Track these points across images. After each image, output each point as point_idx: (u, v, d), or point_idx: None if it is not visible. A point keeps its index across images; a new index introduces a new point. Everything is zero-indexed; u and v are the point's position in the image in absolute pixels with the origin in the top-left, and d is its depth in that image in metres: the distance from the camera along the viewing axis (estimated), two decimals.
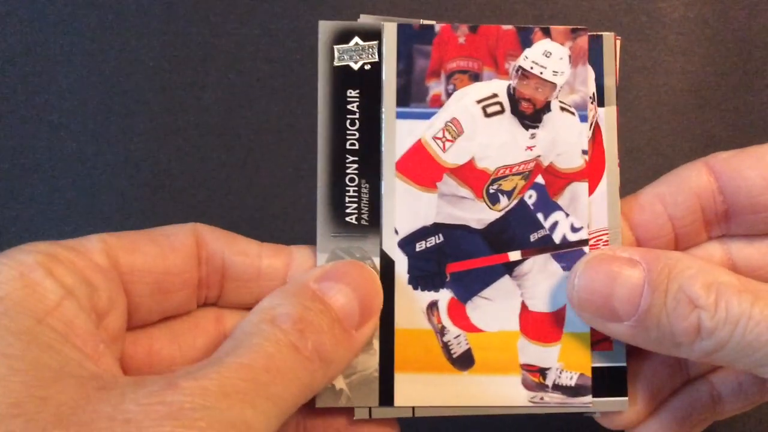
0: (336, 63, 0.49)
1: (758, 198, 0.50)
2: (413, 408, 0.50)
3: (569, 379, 0.50)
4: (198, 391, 0.37)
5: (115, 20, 0.73)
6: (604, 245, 0.50)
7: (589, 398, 0.50)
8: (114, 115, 0.72)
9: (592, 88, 0.50)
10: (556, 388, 0.50)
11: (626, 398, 0.51)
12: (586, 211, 0.50)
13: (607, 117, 0.51)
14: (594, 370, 0.51)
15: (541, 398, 0.50)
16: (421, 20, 0.50)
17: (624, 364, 0.51)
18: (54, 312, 0.40)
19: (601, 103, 0.51)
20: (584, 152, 0.50)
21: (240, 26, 0.73)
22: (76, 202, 0.71)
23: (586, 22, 0.72)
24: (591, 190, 0.50)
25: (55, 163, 0.72)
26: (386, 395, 0.49)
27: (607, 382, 0.51)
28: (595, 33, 0.50)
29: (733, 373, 0.53)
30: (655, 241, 0.52)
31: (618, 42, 0.50)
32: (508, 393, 0.50)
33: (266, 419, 0.39)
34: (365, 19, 0.50)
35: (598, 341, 0.51)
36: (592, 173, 0.51)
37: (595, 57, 0.51)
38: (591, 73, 0.50)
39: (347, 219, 0.49)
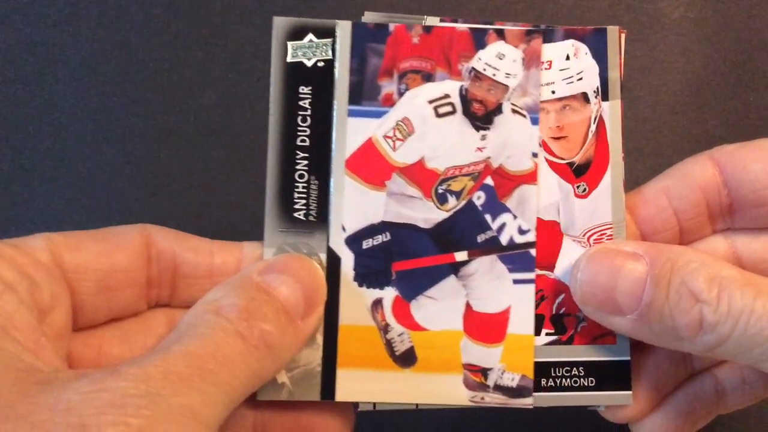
0: (289, 59, 0.50)
1: (763, 191, 0.50)
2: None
3: (511, 380, 0.51)
4: (142, 377, 0.37)
5: (115, 20, 0.73)
6: (608, 239, 0.51)
7: (530, 399, 0.51)
8: (114, 115, 0.72)
9: (596, 82, 0.51)
10: (498, 388, 0.50)
11: (630, 392, 0.51)
12: (534, 213, 0.51)
13: (612, 111, 0.51)
14: (598, 363, 0.51)
15: (482, 398, 0.51)
16: (425, 17, 0.51)
17: (628, 358, 0.51)
18: None
19: (605, 97, 0.51)
20: (534, 155, 0.51)
21: (240, 26, 0.73)
22: (76, 202, 0.71)
23: (587, 21, 0.72)
24: (595, 184, 0.51)
25: (55, 163, 0.72)
26: (328, 390, 0.50)
27: (611, 376, 0.51)
28: (598, 27, 0.51)
29: (737, 367, 0.53)
30: (660, 235, 0.52)
31: (623, 36, 0.51)
32: (449, 392, 0.50)
33: (214, 406, 0.39)
34: (369, 17, 0.51)
35: (602, 335, 0.51)
36: (596, 167, 0.51)
37: (599, 51, 0.51)
38: (595, 67, 0.51)
39: (295, 215, 0.50)
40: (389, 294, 0.50)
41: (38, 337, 0.41)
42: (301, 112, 0.50)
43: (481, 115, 0.50)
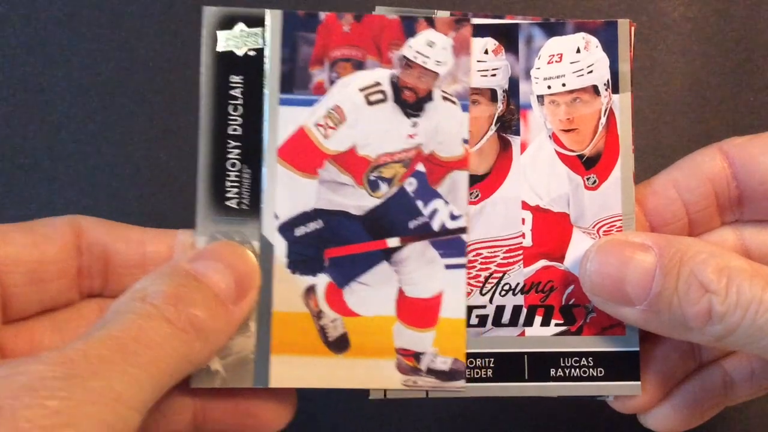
0: (219, 49, 0.50)
1: None
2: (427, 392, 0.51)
3: (443, 363, 0.51)
4: (60, 360, 0.37)
5: (115, 20, 0.73)
6: (618, 231, 0.51)
7: (462, 383, 0.51)
8: (114, 115, 0.72)
9: (606, 75, 0.51)
10: (430, 372, 0.51)
11: (639, 382, 0.51)
12: (465, 199, 0.51)
13: (622, 103, 0.52)
14: (607, 354, 0.51)
15: (415, 382, 0.51)
16: (435, 11, 0.51)
17: (637, 349, 0.51)
18: None
19: (615, 89, 0.51)
20: (465, 141, 0.51)
21: None
22: (76, 202, 0.71)
23: None
24: (605, 176, 0.51)
25: (55, 163, 0.72)
26: (261, 377, 0.50)
27: (620, 367, 0.51)
28: (609, 20, 0.51)
29: (746, 358, 0.53)
30: (669, 227, 0.52)
31: (633, 28, 0.51)
32: (382, 376, 0.51)
33: (138, 388, 0.39)
34: (381, 11, 0.51)
35: (611, 326, 0.52)
36: (606, 159, 0.52)
37: (609, 43, 0.52)
38: (606, 60, 0.51)
39: (228, 203, 0.50)
40: (322, 281, 0.51)
41: None
42: (232, 102, 0.50)
43: (412, 102, 0.51)
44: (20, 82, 0.73)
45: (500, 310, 0.52)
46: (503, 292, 0.52)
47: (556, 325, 0.52)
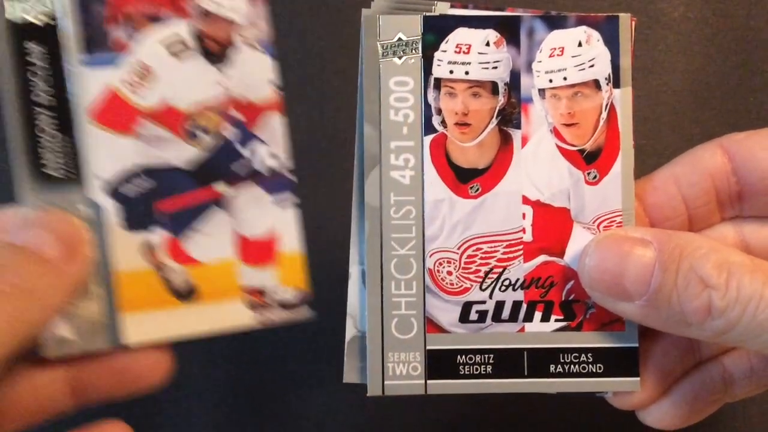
0: (10, 16, 0.48)
1: None
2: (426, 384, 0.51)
3: (288, 294, 0.51)
4: None
5: None
6: (618, 227, 0.51)
7: (305, 310, 0.51)
8: None
9: (607, 69, 0.51)
10: (279, 305, 0.51)
11: (638, 378, 0.51)
12: (281, 138, 0.51)
13: (623, 98, 0.52)
14: (606, 350, 0.51)
15: (268, 318, 0.51)
16: (436, 3, 0.51)
17: (636, 345, 0.51)
18: None
19: (616, 84, 0.51)
20: (272, 83, 0.51)
21: None
22: None
23: None
24: (605, 172, 0.51)
25: None
26: (115, 337, 0.50)
27: (619, 363, 0.51)
28: (611, 14, 0.51)
29: (745, 355, 0.53)
30: (669, 222, 0.52)
31: (633, 23, 0.51)
32: (234, 317, 0.51)
33: None
34: (378, 4, 0.51)
35: (611, 322, 0.52)
36: (606, 154, 0.52)
37: (611, 38, 0.51)
38: (607, 54, 0.51)
39: (48, 172, 0.49)
40: (158, 234, 0.50)
41: None
42: (31, 68, 0.49)
43: (215, 51, 0.50)
44: None
45: (500, 305, 0.51)
46: (503, 288, 0.51)
47: (556, 320, 0.52)
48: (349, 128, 0.52)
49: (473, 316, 0.51)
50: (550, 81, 0.51)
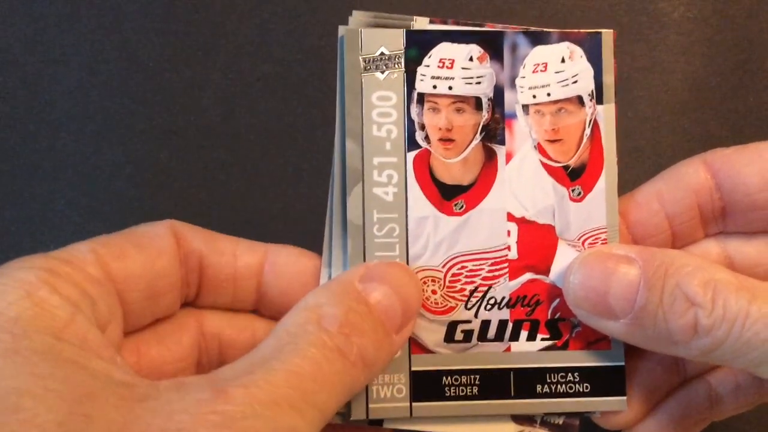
0: None
1: (756, 195, 0.50)
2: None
3: (558, 417, 0.52)
4: (248, 399, 0.37)
5: (115, 20, 0.73)
6: (602, 243, 0.50)
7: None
8: (114, 115, 0.72)
9: (591, 85, 0.50)
10: (544, 424, 0.52)
11: (624, 398, 0.51)
12: None
13: (606, 114, 0.50)
14: (593, 369, 0.51)
15: None
16: (415, 18, 0.51)
17: (622, 363, 0.51)
18: (67, 328, 0.39)
19: (600, 100, 0.50)
20: None
21: (240, 26, 0.73)
22: (76, 202, 0.71)
23: (586, 22, 0.72)
24: (589, 188, 0.51)
25: (55, 163, 0.72)
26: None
27: (605, 382, 0.51)
28: (593, 30, 0.50)
29: (731, 373, 0.53)
30: (652, 239, 0.52)
31: (614, 37, 0.50)
32: (497, 426, 0.51)
33: (313, 426, 0.39)
34: (357, 17, 0.50)
35: (597, 340, 0.51)
36: (590, 171, 0.51)
37: (593, 54, 0.50)
38: (590, 70, 0.50)
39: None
40: None
41: (113, 355, 0.40)
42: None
43: None
44: (20, 82, 0.73)
45: (486, 324, 0.51)
46: (489, 306, 0.51)
47: (542, 339, 0.51)
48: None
49: (459, 335, 0.51)
50: (534, 97, 0.50)
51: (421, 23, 0.50)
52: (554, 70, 0.51)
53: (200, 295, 0.50)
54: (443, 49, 0.51)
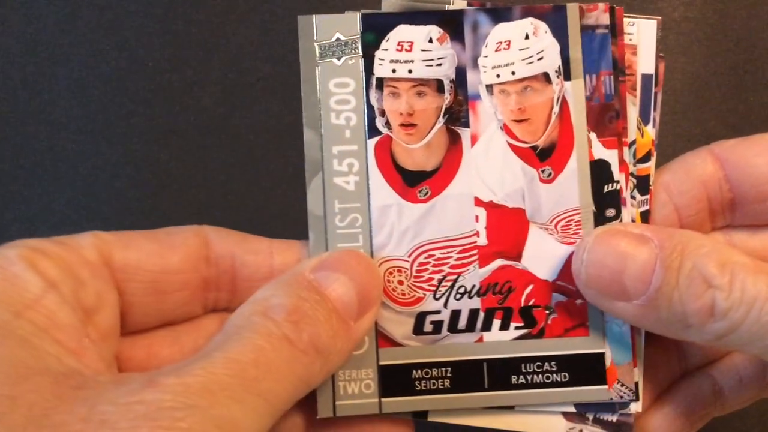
0: None
1: (764, 186, 0.48)
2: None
3: (611, 415, 0.50)
4: (179, 388, 0.35)
5: (115, 20, 0.73)
6: (576, 226, 0.49)
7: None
8: (114, 115, 0.72)
9: (557, 61, 0.49)
10: (596, 422, 0.50)
11: (606, 387, 0.48)
12: None
13: (575, 91, 0.48)
14: (571, 357, 0.48)
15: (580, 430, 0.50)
16: (452, 0, 0.50)
17: (602, 351, 0.48)
18: (35, 305, 0.38)
19: (567, 76, 0.48)
20: None
21: (240, 26, 0.73)
22: (76, 202, 0.71)
23: None
24: (560, 168, 0.49)
25: (55, 163, 0.71)
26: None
27: (585, 370, 0.48)
28: (558, 4, 0.48)
29: (734, 366, 0.52)
30: None
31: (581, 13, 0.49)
32: (548, 423, 0.50)
33: (256, 417, 0.37)
34: (387, 3, 0.49)
35: (574, 327, 0.49)
36: (560, 150, 0.49)
37: (558, 29, 0.49)
38: (556, 46, 0.49)
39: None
40: None
41: (81, 339, 0.39)
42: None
43: None
44: (20, 82, 0.72)
45: (456, 314, 0.48)
46: (458, 296, 0.48)
47: (516, 328, 0.48)
48: None
49: (428, 327, 0.48)
50: (498, 76, 0.48)
51: (459, 4, 0.49)
52: (518, 48, 0.48)
53: (236, 297, 0.48)
54: (401, 32, 0.49)
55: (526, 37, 0.49)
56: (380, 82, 0.49)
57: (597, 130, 0.49)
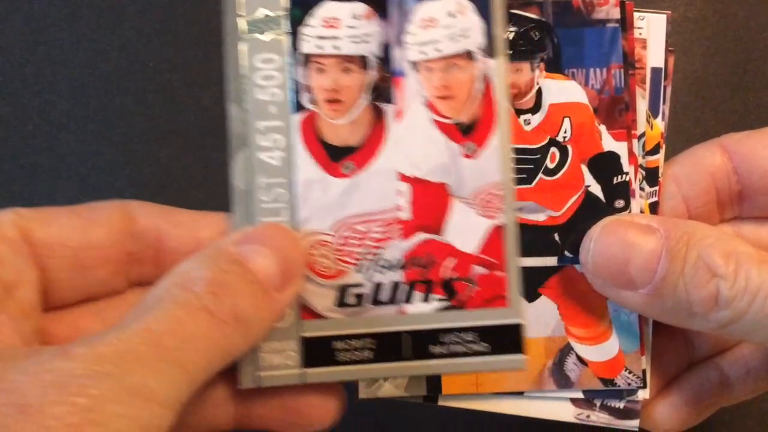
0: None
1: None
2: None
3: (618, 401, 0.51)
4: (91, 357, 0.35)
5: (115, 20, 0.73)
6: (498, 201, 0.49)
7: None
8: (114, 115, 0.72)
9: (481, 39, 0.49)
10: (604, 408, 0.51)
11: (522, 356, 0.48)
12: None
13: (498, 68, 0.49)
14: (490, 328, 0.49)
15: (588, 416, 0.51)
16: None
17: (518, 321, 0.49)
18: None
19: (491, 54, 0.49)
20: None
21: None
22: (76, 202, 0.71)
23: None
24: (482, 144, 0.49)
25: (55, 163, 0.71)
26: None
27: (504, 340, 0.48)
28: None
29: (742, 357, 0.52)
30: None
31: None
32: (554, 407, 0.51)
33: (173, 385, 0.37)
34: None
35: (494, 298, 0.49)
36: (482, 126, 0.49)
37: (483, 8, 0.49)
38: (480, 24, 0.49)
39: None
40: None
41: None
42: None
43: None
44: (20, 82, 0.72)
45: (378, 287, 0.49)
46: (381, 269, 0.49)
47: (438, 300, 0.49)
48: None
49: (350, 299, 0.49)
50: (423, 53, 0.49)
51: None
52: (443, 25, 0.49)
53: (161, 272, 0.46)
54: (327, 8, 0.49)
55: (452, 16, 0.49)
56: (306, 59, 0.49)
57: (607, 122, 0.50)
